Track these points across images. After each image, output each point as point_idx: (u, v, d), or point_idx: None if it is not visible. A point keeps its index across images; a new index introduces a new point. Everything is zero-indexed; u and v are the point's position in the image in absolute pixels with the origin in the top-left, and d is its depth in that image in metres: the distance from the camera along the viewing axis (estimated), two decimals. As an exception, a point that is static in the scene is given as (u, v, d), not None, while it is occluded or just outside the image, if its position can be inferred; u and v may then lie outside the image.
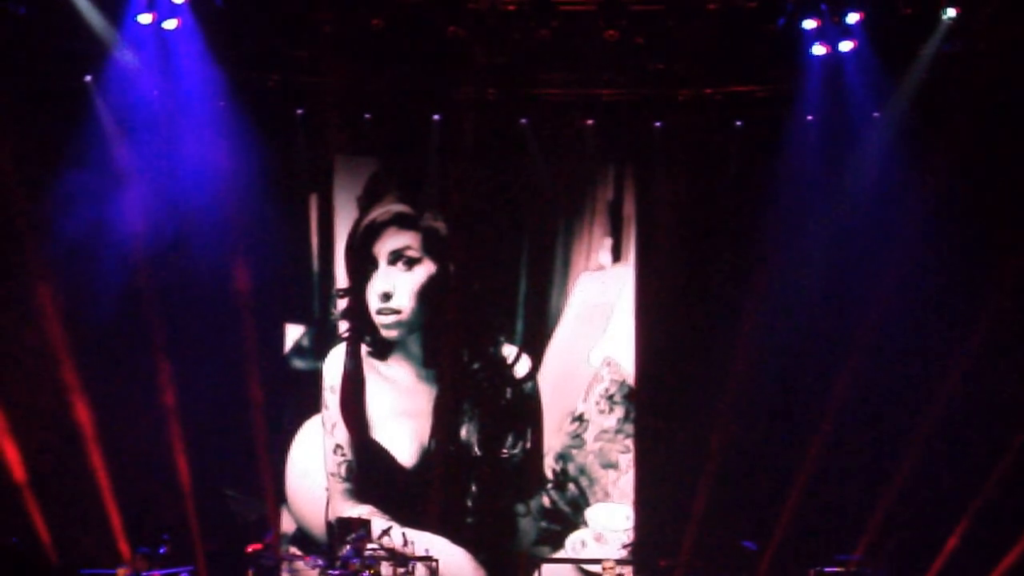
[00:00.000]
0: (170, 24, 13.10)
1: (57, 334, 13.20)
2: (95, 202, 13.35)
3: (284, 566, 14.03)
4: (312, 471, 14.54)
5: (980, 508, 13.21)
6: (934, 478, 13.57)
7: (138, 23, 13.03)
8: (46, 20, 12.83)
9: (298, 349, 14.78)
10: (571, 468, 14.68)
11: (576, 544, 14.56)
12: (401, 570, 13.51)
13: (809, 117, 14.03)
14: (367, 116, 14.42)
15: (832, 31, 13.34)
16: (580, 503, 14.67)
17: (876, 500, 13.61)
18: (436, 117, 14.44)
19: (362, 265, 14.58)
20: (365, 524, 13.93)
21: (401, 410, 14.56)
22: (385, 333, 14.51)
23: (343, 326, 14.66)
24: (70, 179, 13.29)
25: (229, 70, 13.61)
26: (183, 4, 13.03)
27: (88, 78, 13.43)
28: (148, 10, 12.97)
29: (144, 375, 13.79)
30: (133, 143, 13.57)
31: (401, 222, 14.57)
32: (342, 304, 14.67)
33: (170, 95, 13.64)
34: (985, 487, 13.19)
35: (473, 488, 14.50)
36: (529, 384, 14.67)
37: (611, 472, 14.67)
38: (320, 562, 13.35)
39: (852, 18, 13.21)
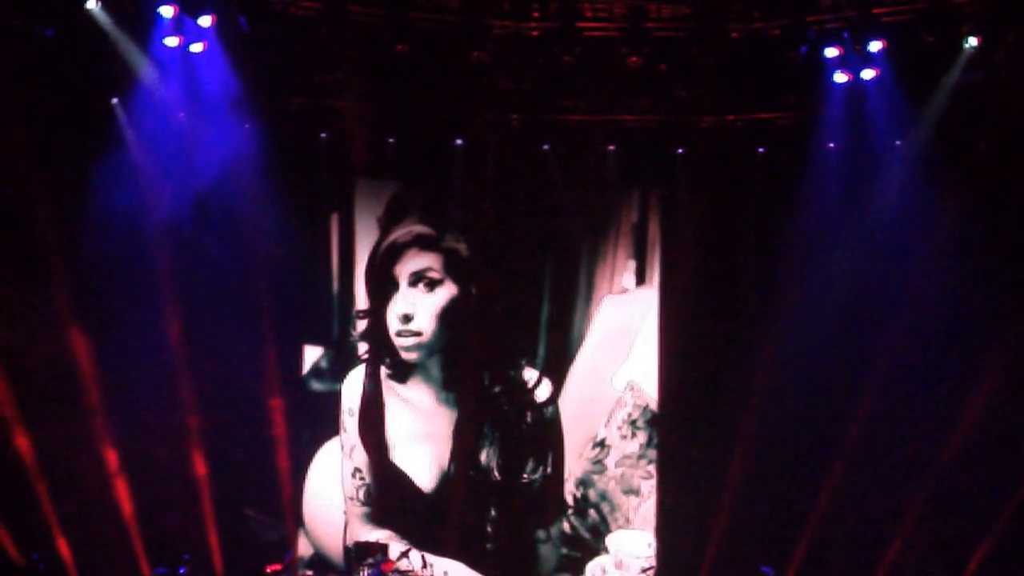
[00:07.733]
0: (196, 47, 13.14)
1: (82, 356, 13.22)
2: (121, 223, 13.39)
3: (302, 589, 14.04)
4: (330, 495, 14.44)
5: (1001, 537, 13.21)
6: (956, 508, 13.55)
7: (165, 46, 13.10)
8: (74, 43, 12.86)
9: (316, 371, 14.71)
10: (592, 494, 14.62)
11: (596, 571, 14.46)
12: (420, 593, 13.53)
13: (831, 144, 14.03)
14: (390, 140, 14.44)
15: (854, 59, 13.34)
16: (601, 529, 14.59)
17: (897, 528, 13.60)
18: (459, 142, 14.45)
19: (382, 286, 14.33)
20: (383, 548, 13.88)
21: (421, 433, 14.41)
22: (405, 355, 14.28)
23: (362, 348, 14.52)
24: (96, 201, 13.34)
25: (254, 93, 13.64)
26: (209, 28, 13.04)
27: (115, 100, 13.48)
28: (175, 33, 13.01)
29: (164, 395, 13.80)
30: (158, 165, 13.63)
31: (423, 243, 14.32)
32: (361, 325, 14.53)
33: (195, 117, 13.70)
34: (1006, 517, 13.18)
35: (493, 513, 14.33)
36: (550, 408, 14.51)
37: (633, 498, 14.59)
38: (339, 585, 13.38)
39: (875, 46, 13.20)
